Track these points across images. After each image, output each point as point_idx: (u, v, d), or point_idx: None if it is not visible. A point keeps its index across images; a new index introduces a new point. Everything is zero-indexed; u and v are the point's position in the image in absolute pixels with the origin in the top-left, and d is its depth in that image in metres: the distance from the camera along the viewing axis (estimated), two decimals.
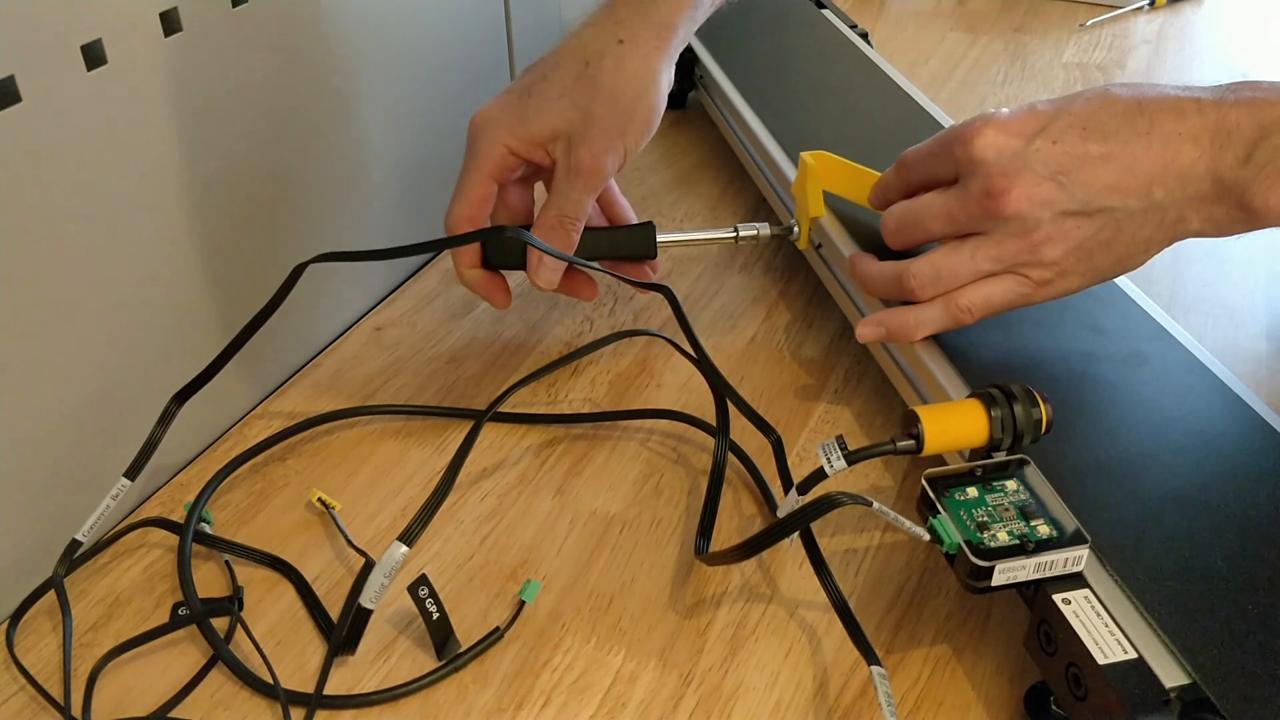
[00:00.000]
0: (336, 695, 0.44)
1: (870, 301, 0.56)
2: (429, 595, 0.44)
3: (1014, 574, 0.39)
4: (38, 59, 0.43)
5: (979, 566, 0.38)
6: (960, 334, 0.51)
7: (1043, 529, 0.40)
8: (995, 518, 0.40)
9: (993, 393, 0.43)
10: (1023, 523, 0.40)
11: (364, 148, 0.63)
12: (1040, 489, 0.41)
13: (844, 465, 0.42)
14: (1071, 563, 0.39)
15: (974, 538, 0.39)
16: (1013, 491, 0.41)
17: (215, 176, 0.53)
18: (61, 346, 0.47)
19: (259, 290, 0.57)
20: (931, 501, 0.41)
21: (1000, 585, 0.39)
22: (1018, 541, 0.39)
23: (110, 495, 0.48)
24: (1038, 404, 0.42)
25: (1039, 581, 0.39)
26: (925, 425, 0.42)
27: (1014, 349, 0.51)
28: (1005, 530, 0.40)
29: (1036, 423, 0.42)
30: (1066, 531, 0.39)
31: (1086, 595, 0.38)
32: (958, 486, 0.41)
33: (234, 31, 0.52)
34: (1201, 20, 1.05)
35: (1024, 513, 0.40)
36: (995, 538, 0.39)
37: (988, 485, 0.41)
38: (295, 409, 0.59)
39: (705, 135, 0.86)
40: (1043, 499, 0.41)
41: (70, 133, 0.45)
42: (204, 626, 0.46)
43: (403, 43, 0.64)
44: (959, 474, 0.42)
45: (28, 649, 0.46)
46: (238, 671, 0.45)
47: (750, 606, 0.48)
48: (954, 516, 0.40)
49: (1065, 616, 0.38)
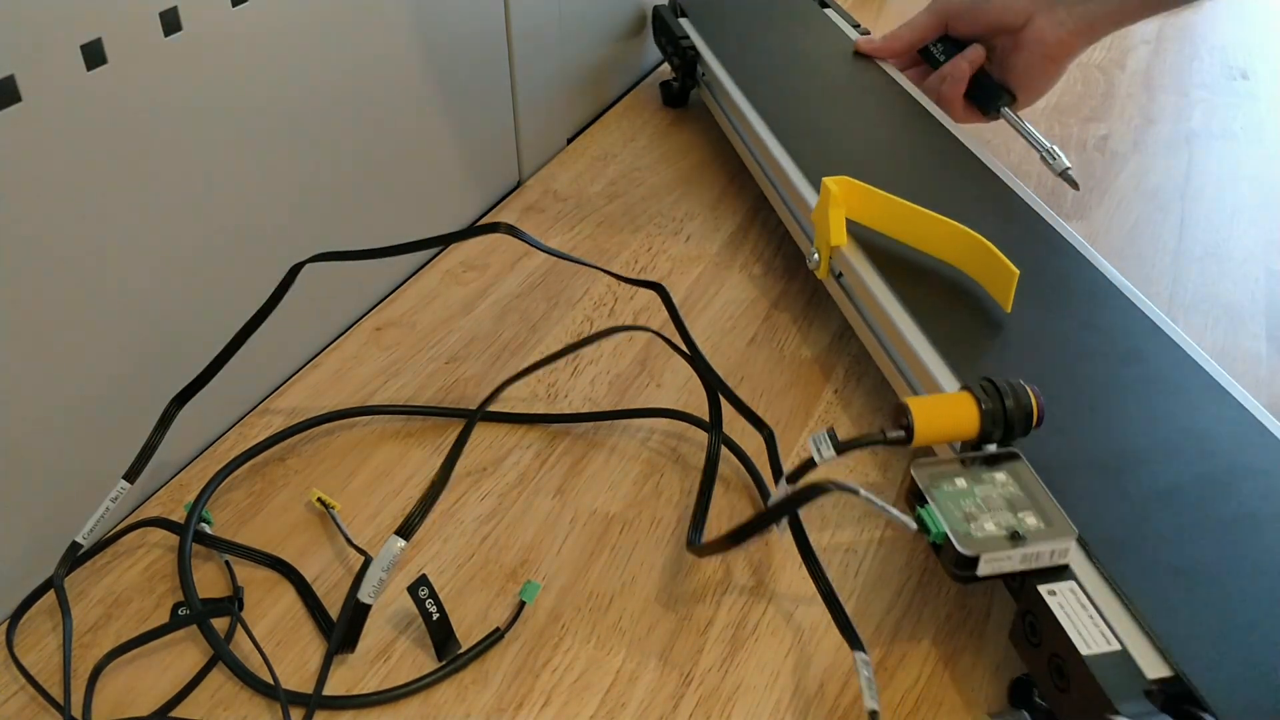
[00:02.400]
0: (336, 695, 0.44)
1: (887, 329, 0.55)
2: (429, 595, 0.44)
3: (1000, 565, 0.39)
4: (38, 59, 0.43)
5: (964, 556, 0.39)
6: (955, 330, 0.51)
7: (1030, 521, 0.40)
8: (983, 509, 0.40)
9: (984, 386, 0.43)
10: (1010, 515, 0.40)
11: (364, 147, 0.63)
12: (1029, 483, 0.41)
13: (834, 455, 0.43)
14: (1057, 555, 0.39)
15: (960, 528, 0.39)
16: (1002, 484, 0.41)
17: (215, 176, 0.53)
18: (62, 347, 0.47)
19: (259, 290, 0.57)
20: (920, 492, 0.41)
21: (986, 575, 0.39)
22: (1005, 533, 0.39)
23: (109, 498, 0.48)
24: (1029, 397, 0.43)
25: (1025, 573, 0.39)
26: (915, 416, 0.42)
27: (1008, 346, 0.51)
28: (992, 521, 0.40)
29: (1027, 416, 0.42)
30: (1054, 524, 0.40)
31: (1072, 587, 0.39)
32: (947, 478, 0.42)
33: (234, 31, 0.52)
34: (1201, 20, 1.05)
35: (1012, 505, 0.40)
36: (982, 528, 0.39)
37: (977, 478, 0.42)
38: (295, 408, 0.59)
39: (705, 135, 0.86)
40: (1031, 492, 0.41)
41: (70, 133, 0.45)
42: (204, 627, 0.46)
43: (402, 42, 0.64)
44: (948, 465, 0.42)
45: (28, 649, 0.46)
46: (237, 671, 0.45)
47: (750, 606, 0.48)
48: (942, 507, 0.40)
49: (1050, 607, 0.38)
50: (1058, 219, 0.60)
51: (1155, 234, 0.73)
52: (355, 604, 0.44)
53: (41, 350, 0.46)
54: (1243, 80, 0.93)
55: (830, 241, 0.59)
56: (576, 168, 0.82)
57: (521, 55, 0.76)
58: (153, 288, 0.51)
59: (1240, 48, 0.96)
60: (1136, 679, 0.36)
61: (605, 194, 0.79)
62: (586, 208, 0.77)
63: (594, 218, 0.76)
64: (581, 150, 0.85)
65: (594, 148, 0.85)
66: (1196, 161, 0.80)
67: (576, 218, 0.76)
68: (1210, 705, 0.35)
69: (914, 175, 0.65)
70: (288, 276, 0.51)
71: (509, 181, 0.80)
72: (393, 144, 0.65)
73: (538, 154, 0.82)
